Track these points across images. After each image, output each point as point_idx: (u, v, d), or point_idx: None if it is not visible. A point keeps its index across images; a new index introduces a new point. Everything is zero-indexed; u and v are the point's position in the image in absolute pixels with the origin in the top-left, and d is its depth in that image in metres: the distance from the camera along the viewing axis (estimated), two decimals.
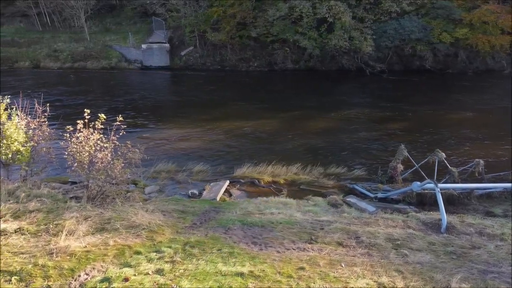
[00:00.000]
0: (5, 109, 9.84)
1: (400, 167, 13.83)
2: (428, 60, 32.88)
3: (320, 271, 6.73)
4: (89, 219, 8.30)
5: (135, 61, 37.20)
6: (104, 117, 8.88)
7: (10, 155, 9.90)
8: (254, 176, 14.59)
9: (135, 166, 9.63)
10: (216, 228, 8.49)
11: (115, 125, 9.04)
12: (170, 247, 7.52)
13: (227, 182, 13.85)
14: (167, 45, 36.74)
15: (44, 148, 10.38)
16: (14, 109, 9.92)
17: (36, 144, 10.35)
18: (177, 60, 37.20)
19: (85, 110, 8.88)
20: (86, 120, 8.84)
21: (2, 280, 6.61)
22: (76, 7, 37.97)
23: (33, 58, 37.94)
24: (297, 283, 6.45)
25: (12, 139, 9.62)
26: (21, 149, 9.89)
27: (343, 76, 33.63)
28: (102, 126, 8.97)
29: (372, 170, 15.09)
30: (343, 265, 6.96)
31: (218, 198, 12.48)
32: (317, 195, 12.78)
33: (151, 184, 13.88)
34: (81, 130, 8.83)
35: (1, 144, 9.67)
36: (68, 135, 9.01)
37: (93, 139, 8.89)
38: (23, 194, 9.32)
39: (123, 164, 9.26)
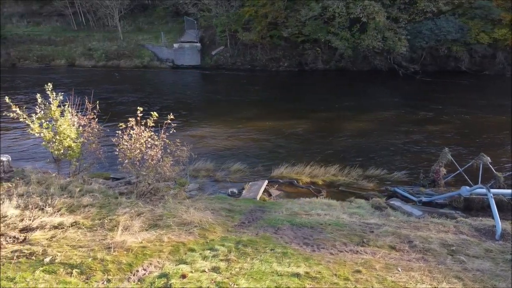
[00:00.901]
0: (58, 106, 10.14)
1: (443, 170, 13.51)
2: (464, 61, 32.02)
3: (377, 274, 6.65)
4: (142, 215, 8.46)
5: (166, 60, 37.72)
6: (156, 115, 9.03)
7: (62, 151, 10.20)
8: (292, 176, 14.55)
9: (182, 164, 9.75)
10: (266, 227, 8.51)
11: (165, 123, 9.17)
12: (223, 245, 7.58)
13: (266, 182, 13.86)
14: (199, 44, 37.09)
15: (94, 145, 10.64)
16: (66, 106, 10.19)
17: (85, 141, 10.63)
18: (208, 59, 37.51)
19: (138, 108, 9.04)
20: (138, 118, 9.00)
21: (63, 272, 6.82)
22: (111, 7, 38.79)
23: (69, 57, 39.01)
24: (355, 286, 6.39)
25: (65, 135, 9.90)
26: (73, 145, 10.17)
27: (375, 77, 33.11)
28: (153, 124, 9.12)
29: (412, 173, 14.80)
30: (400, 270, 6.85)
31: (258, 198, 12.50)
32: (357, 197, 12.64)
33: (190, 182, 14.02)
34: (133, 127, 9.00)
35: (54, 140, 9.97)
36: (120, 132, 9.20)
37: (145, 136, 9.05)
38: (76, 189, 9.58)
39: (172, 162, 9.39)
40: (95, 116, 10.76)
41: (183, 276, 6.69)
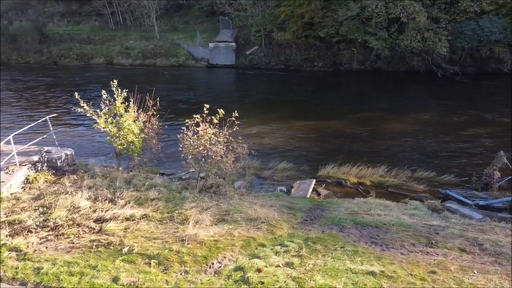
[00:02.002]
0: (122, 102, 10.48)
1: (497, 174, 13.21)
2: (507, 63, 31.07)
3: (454, 276, 6.60)
4: (209, 210, 8.67)
5: (201, 59, 38.21)
6: (223, 112, 9.21)
7: (125, 146, 10.54)
8: (339, 176, 14.54)
9: (242, 161, 9.92)
10: (330, 225, 8.57)
11: (229, 120, 9.35)
12: (292, 241, 7.68)
13: (314, 181, 13.89)
14: (234, 44, 37.40)
15: (154, 140, 10.95)
16: (131, 102, 10.52)
17: (146, 136, 10.94)
18: (242, 59, 37.77)
19: (205, 105, 9.25)
20: (204, 115, 9.21)
21: (142, 263, 7.07)
22: (148, 7, 39.59)
23: (107, 55, 40.07)
24: (432, 286, 6.36)
25: (129, 130, 10.23)
26: (135, 140, 10.49)
27: (412, 78, 32.55)
28: (217, 121, 9.32)
29: (461, 176, 14.51)
30: (476, 272, 6.77)
31: (308, 197, 12.56)
32: (409, 199, 12.50)
33: (238, 179, 14.20)
34: (199, 124, 9.21)
35: (118, 135, 10.32)
36: (184, 128, 9.44)
37: (209, 133, 9.25)
38: (140, 182, 9.89)
39: (233, 159, 9.57)
40: (155, 113, 11.05)
41: (259, 270, 6.83)
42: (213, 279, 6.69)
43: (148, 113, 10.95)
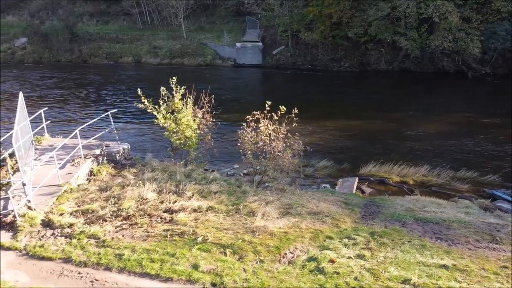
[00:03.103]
0: (181, 99, 10.83)
1: None
2: None
3: None
4: (271, 203, 8.94)
5: (228, 58, 38.54)
6: (284, 108, 9.47)
7: (182, 140, 10.89)
8: (381, 175, 14.66)
9: (297, 157, 10.17)
10: (390, 221, 8.75)
11: (289, 118, 9.59)
12: (358, 235, 7.90)
13: (357, 179, 14.04)
14: (261, 44, 37.63)
15: (209, 136, 11.28)
16: (189, 99, 10.86)
17: (201, 132, 11.28)
18: (269, 58, 37.98)
19: (267, 102, 9.52)
20: (265, 111, 9.48)
21: (217, 252, 7.38)
22: (176, 7, 40.14)
23: (135, 54, 40.75)
24: (507, 281, 6.49)
25: (188, 126, 10.57)
26: (192, 135, 10.84)
27: (441, 79, 32.24)
28: (277, 118, 9.58)
29: (506, 176, 14.46)
30: None
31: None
32: (456, 198, 12.54)
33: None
34: (259, 120, 9.49)
35: (177, 130, 10.67)
36: (244, 124, 9.73)
37: (269, 129, 9.53)
38: (199, 176, 10.22)
39: (291, 154, 9.82)
40: (209, 110, 11.38)
41: (332, 261, 7.07)
42: (289, 268, 6.95)
43: (203, 109, 11.27)
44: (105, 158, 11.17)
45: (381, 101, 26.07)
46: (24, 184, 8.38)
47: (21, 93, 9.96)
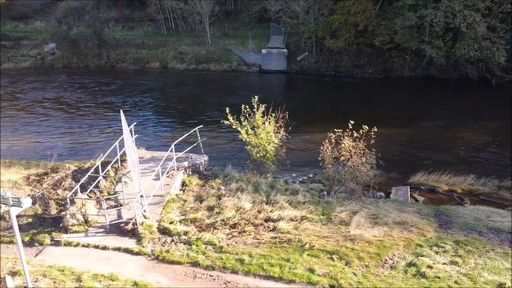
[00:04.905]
0: (262, 116, 11.86)
1: None
2: None
3: None
4: (358, 213, 9.94)
5: (253, 64, 39.56)
6: (367, 127, 10.49)
7: (262, 154, 11.92)
8: (430, 183, 15.61)
9: (371, 170, 11.19)
10: (467, 230, 9.74)
11: (365, 133, 10.60)
12: (444, 243, 8.90)
13: (409, 188, 14.99)
14: (285, 50, 38.63)
15: (284, 149, 12.30)
16: (272, 116, 11.87)
17: (277, 145, 12.30)
18: (293, 64, 38.97)
19: (350, 121, 10.53)
20: (349, 128, 10.49)
21: (325, 257, 8.39)
22: (202, 13, 41.20)
23: (162, 59, 41.80)
24: None
25: (270, 141, 11.61)
26: (271, 149, 11.86)
27: (466, 86, 33.14)
28: (357, 135, 10.60)
29: None
30: None
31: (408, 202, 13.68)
32: (506, 208, 13.47)
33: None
34: (344, 137, 10.51)
35: (259, 145, 11.70)
36: (327, 140, 10.76)
37: (350, 144, 10.55)
38: (282, 187, 11.24)
39: (368, 168, 10.84)
40: (282, 125, 12.39)
41: (430, 267, 8.07)
42: (393, 272, 7.96)
43: (278, 124, 12.30)
44: (190, 169, 12.21)
45: (409, 108, 26.99)
46: (142, 196, 9.42)
47: (121, 111, 10.99)
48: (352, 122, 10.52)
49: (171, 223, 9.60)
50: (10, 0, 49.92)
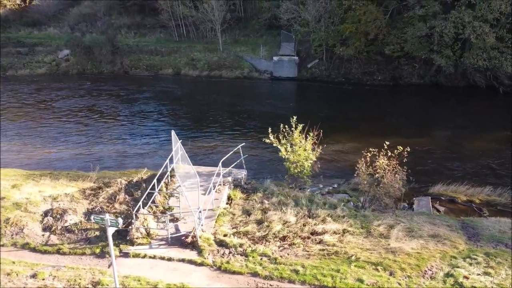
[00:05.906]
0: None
1: None
2: None
3: None
4: (394, 227, 10.90)
5: (264, 71, 40.53)
6: (401, 148, 11.46)
7: (299, 170, 12.88)
8: (449, 194, 16.57)
9: (403, 185, 12.17)
10: (494, 242, 10.70)
11: (401, 151, 11.57)
12: (476, 255, 9.87)
13: (430, 198, 15.96)
14: (296, 58, 39.61)
15: (319, 164, 13.26)
16: (310, 135, 12.82)
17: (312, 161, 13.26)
18: (304, 71, 39.95)
19: (385, 142, 11.48)
20: (385, 149, 11.46)
21: (370, 268, 9.34)
22: (214, 21, 42.14)
23: (174, 66, 42.74)
24: None
25: (308, 157, 12.57)
26: (309, 165, 12.83)
27: (473, 94, 34.10)
28: (389, 153, 11.58)
29: None
30: None
31: (431, 213, 14.65)
32: None
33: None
34: (380, 156, 11.48)
35: (297, 161, 12.66)
36: (362, 159, 11.73)
37: (384, 163, 11.52)
38: (320, 201, 12.20)
39: (400, 184, 11.81)
40: (316, 141, 13.35)
41: (466, 278, 9.04)
42: (433, 282, 8.93)
43: (313, 141, 13.26)
44: (232, 184, 13.16)
45: (419, 116, 27.96)
46: (200, 211, 10.37)
47: (173, 131, 11.95)
48: (388, 142, 11.50)
49: (225, 235, 10.54)
50: (24, 5, 50.90)
